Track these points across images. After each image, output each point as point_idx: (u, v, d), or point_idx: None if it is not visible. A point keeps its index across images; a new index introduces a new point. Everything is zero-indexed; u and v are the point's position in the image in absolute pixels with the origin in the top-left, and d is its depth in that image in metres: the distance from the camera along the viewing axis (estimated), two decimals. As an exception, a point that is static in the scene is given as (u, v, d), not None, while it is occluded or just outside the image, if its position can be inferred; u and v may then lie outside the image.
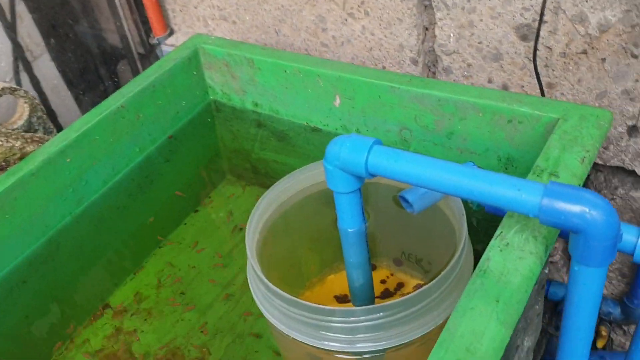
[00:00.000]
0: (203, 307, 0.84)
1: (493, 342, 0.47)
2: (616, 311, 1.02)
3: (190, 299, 0.85)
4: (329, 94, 0.83)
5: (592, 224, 0.45)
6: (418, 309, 0.57)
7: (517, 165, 0.73)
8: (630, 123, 0.86)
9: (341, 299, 0.76)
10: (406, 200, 0.65)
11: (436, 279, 0.56)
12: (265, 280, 0.58)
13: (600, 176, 0.96)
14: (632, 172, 0.91)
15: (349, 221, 0.61)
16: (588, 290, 0.50)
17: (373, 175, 0.56)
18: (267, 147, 0.94)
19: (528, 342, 0.81)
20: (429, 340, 0.58)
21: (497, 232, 0.55)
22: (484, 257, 0.53)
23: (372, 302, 0.67)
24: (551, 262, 1.11)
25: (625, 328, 1.06)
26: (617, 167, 0.94)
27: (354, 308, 0.56)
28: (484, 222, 0.75)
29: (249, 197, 0.99)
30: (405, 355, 0.61)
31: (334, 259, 0.79)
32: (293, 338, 0.59)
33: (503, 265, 0.52)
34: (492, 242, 0.54)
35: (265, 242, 0.68)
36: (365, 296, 0.66)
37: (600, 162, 0.92)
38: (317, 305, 0.56)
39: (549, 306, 1.10)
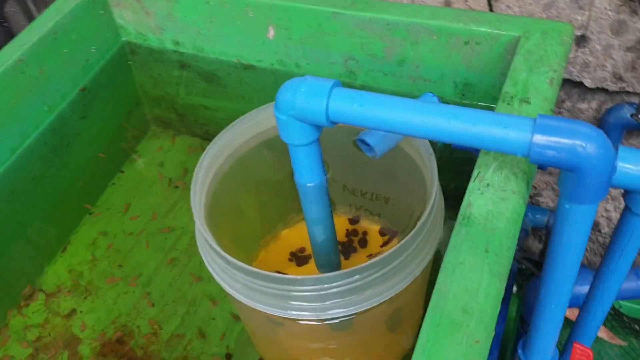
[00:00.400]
0: (146, 277, 0.76)
1: (489, 297, 0.43)
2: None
3: (131, 270, 0.77)
4: (261, 25, 0.73)
5: (587, 160, 0.41)
6: (391, 269, 0.52)
7: (474, 90, 0.68)
8: (578, 33, 0.82)
9: (298, 256, 0.70)
10: (366, 144, 0.58)
11: (410, 234, 0.51)
12: (223, 253, 0.51)
13: (545, 89, 0.93)
14: (580, 84, 0.88)
15: (308, 175, 0.54)
16: (579, 229, 0.46)
17: (335, 123, 0.49)
18: (194, 91, 0.84)
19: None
20: (398, 297, 0.54)
21: (475, 173, 0.50)
22: (464, 202, 0.48)
23: (337, 260, 0.62)
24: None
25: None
26: (565, 80, 0.91)
27: (324, 275, 0.50)
28: (451, 160, 0.70)
29: (180, 149, 0.90)
30: (375, 315, 0.56)
31: (287, 212, 0.72)
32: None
33: (486, 209, 0.47)
34: (471, 184, 0.49)
35: (212, 203, 0.60)
36: (329, 253, 0.61)
37: (546, 75, 0.89)
38: (284, 276, 0.50)
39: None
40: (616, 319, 1.01)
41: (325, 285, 0.50)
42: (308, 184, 0.55)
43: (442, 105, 0.46)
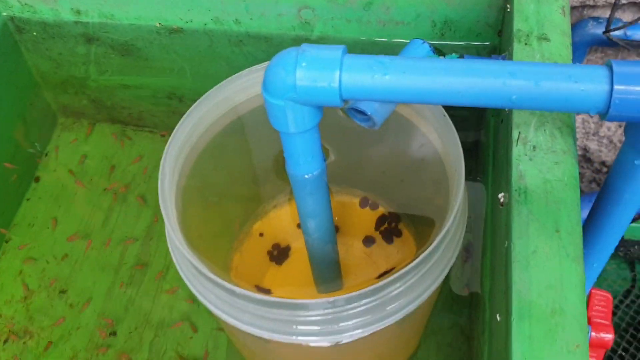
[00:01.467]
0: (99, 301, 0.63)
1: (575, 288, 0.35)
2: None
3: (78, 296, 0.63)
4: (186, -23, 0.59)
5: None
6: (413, 280, 0.43)
7: (456, 28, 0.59)
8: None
9: (275, 254, 0.60)
10: (362, 113, 0.48)
11: (434, 242, 0.41)
12: (213, 276, 0.40)
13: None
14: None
15: (306, 166, 0.44)
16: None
17: (346, 102, 0.38)
18: (109, 69, 0.69)
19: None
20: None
21: (515, 134, 0.42)
22: (514, 173, 0.40)
23: (337, 269, 0.53)
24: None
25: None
26: None
27: (337, 298, 0.40)
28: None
29: (100, 141, 0.74)
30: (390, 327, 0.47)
31: (258, 202, 0.61)
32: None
33: (542, 178, 0.40)
34: (515, 149, 0.41)
35: (183, 206, 0.48)
36: (327, 255, 0.52)
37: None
38: (290, 301, 0.40)
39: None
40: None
41: (338, 309, 0.41)
42: (306, 176, 0.45)
43: (490, 61, 0.36)
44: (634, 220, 0.93)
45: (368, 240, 0.61)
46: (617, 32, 0.76)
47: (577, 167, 0.41)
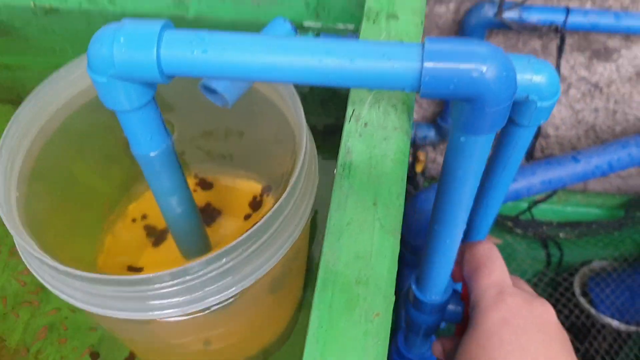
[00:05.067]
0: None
1: (384, 260, 0.36)
2: (431, 134, 1.00)
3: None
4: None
5: (487, 86, 0.34)
6: (267, 239, 0.43)
7: (329, 8, 0.59)
8: None
9: (152, 237, 0.60)
10: (213, 91, 0.48)
11: (283, 195, 0.42)
12: (60, 265, 0.40)
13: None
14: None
15: (149, 144, 0.44)
16: (476, 161, 0.40)
17: (171, 78, 0.38)
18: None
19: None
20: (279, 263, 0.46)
21: (349, 111, 0.43)
22: (342, 149, 0.41)
23: (203, 236, 0.53)
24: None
25: (442, 146, 1.06)
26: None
27: (183, 267, 0.40)
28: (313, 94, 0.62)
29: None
30: (255, 289, 0.48)
31: (130, 182, 0.61)
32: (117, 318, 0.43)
33: (369, 154, 0.40)
34: (347, 125, 0.42)
35: (30, 194, 0.47)
36: (191, 231, 0.52)
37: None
38: (135, 277, 0.40)
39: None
40: (489, 218, 1.02)
41: (188, 277, 0.41)
42: (150, 154, 0.44)
43: (308, 39, 0.36)
44: (536, 203, 0.95)
45: (248, 217, 0.61)
46: (513, 15, 0.77)
47: (407, 143, 0.42)
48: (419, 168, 1.02)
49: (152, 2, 0.60)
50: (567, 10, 0.76)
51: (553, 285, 1.02)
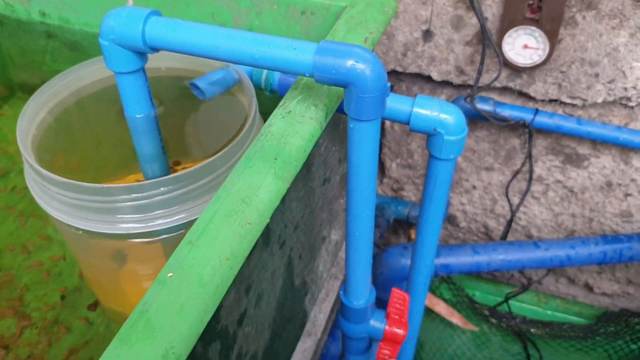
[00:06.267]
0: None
1: (269, 193, 0.47)
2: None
3: None
4: (122, -4, 0.78)
5: (361, 76, 0.47)
6: (216, 176, 0.56)
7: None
8: (424, 28, 0.91)
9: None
10: (197, 87, 0.63)
11: (239, 135, 0.56)
12: (39, 168, 0.54)
13: (402, 85, 1.02)
14: (429, 78, 0.97)
15: (136, 107, 0.58)
16: (366, 145, 0.52)
17: (154, 49, 0.53)
18: (59, 59, 0.87)
19: (335, 235, 0.84)
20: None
21: (281, 103, 0.56)
22: (266, 123, 0.53)
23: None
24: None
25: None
26: (416, 74, 0.99)
27: (146, 182, 0.53)
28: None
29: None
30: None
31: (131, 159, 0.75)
32: (85, 232, 0.56)
33: (284, 129, 0.53)
34: (275, 110, 0.55)
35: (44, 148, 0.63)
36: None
37: (400, 69, 0.97)
38: (102, 186, 0.53)
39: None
40: (470, 307, 1.08)
41: (150, 193, 0.53)
42: (137, 116, 0.59)
43: (243, 31, 0.51)
44: (514, 296, 1.01)
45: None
46: (488, 108, 0.90)
47: (318, 130, 0.54)
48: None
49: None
50: (536, 111, 0.88)
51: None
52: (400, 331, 0.68)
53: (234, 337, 0.56)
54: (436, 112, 0.58)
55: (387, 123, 1.06)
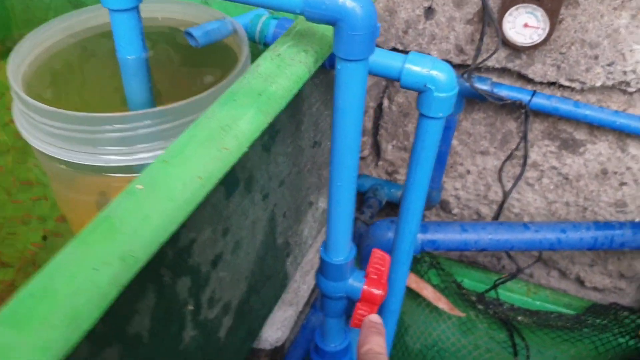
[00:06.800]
0: None
1: (249, 124, 0.47)
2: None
3: None
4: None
5: (352, 13, 0.47)
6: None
7: None
8: (426, 4, 0.91)
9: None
10: (191, 36, 0.64)
11: (230, 76, 0.56)
12: (25, 97, 0.54)
13: (401, 65, 1.01)
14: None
15: (128, 47, 0.59)
16: (352, 88, 0.52)
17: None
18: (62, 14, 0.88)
19: (323, 203, 0.84)
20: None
21: (271, 47, 0.56)
22: (254, 63, 0.53)
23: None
24: (361, 158, 1.16)
25: (426, 212, 1.14)
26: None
27: (130, 113, 0.53)
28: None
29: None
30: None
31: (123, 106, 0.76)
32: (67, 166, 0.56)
33: (272, 70, 0.53)
34: (265, 53, 0.55)
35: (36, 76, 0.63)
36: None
37: (401, 47, 0.97)
38: (87, 114, 0.53)
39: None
40: (457, 292, 1.07)
41: (134, 125, 0.54)
42: (128, 57, 0.59)
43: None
44: (502, 282, 1.01)
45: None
46: (485, 87, 0.90)
47: (305, 72, 0.54)
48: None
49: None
50: (533, 92, 0.88)
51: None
52: (378, 291, 0.68)
53: (206, 278, 0.55)
54: (427, 68, 0.58)
55: (385, 103, 1.06)
